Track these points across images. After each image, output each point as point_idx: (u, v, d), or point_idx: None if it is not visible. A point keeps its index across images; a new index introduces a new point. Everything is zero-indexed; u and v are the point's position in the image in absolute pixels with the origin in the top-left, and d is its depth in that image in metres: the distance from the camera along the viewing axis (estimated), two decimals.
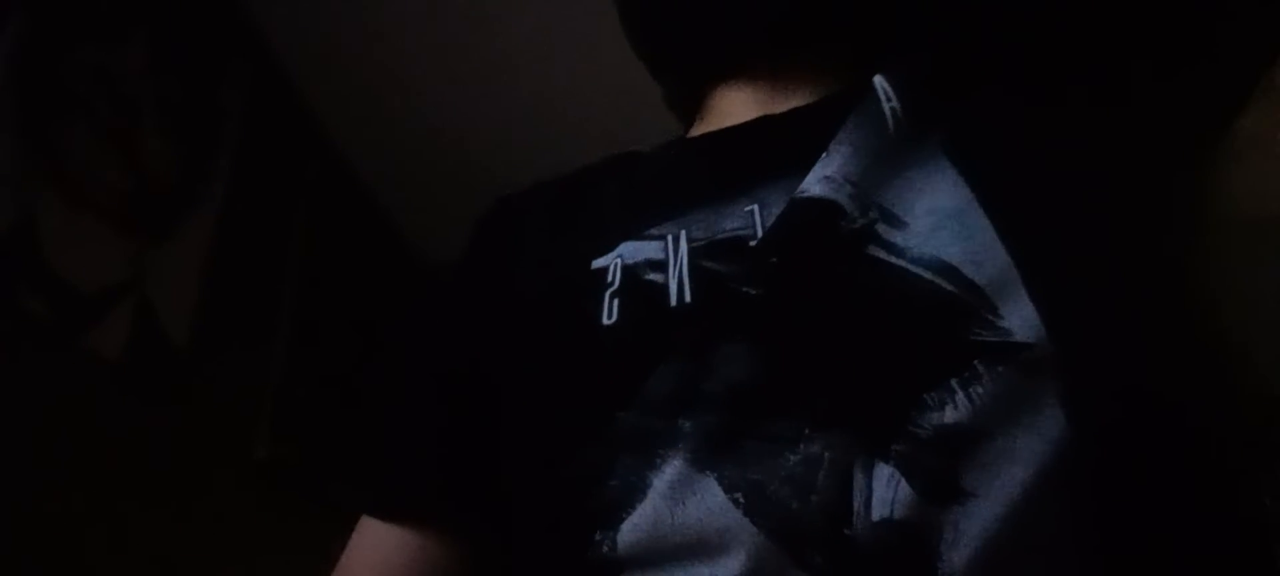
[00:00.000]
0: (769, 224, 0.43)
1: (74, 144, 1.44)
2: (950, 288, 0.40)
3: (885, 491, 0.38)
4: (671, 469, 0.40)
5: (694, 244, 0.44)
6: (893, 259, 0.41)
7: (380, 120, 2.16)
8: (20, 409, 1.32)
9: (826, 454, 0.38)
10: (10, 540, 1.27)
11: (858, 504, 0.38)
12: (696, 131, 0.55)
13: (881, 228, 0.41)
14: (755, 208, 0.44)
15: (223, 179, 1.77)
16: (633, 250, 0.45)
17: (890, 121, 0.43)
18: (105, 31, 1.53)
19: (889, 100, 0.43)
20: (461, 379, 0.52)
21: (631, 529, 0.40)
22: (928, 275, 0.40)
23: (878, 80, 0.43)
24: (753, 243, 0.43)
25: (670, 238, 0.45)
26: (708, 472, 0.40)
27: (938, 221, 0.41)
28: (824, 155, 0.43)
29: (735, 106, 0.51)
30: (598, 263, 0.46)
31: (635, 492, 0.41)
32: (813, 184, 0.43)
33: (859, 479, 0.38)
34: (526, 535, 0.48)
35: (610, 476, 0.41)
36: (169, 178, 1.64)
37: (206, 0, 1.79)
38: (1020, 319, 0.38)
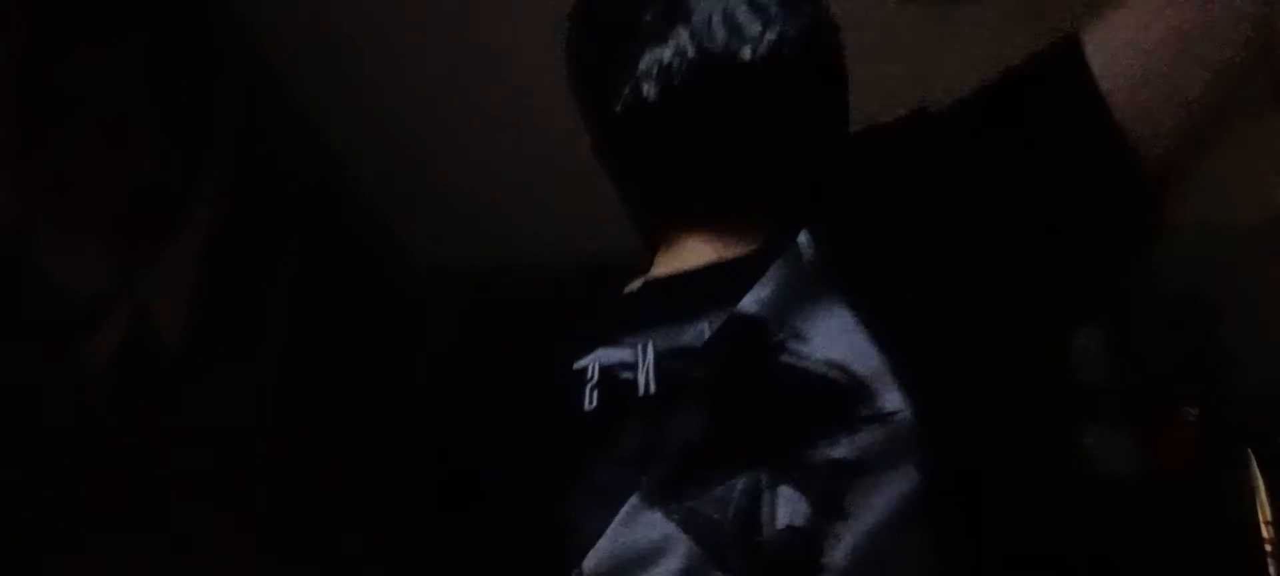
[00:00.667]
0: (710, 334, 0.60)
1: (70, 148, 1.44)
2: (840, 376, 0.56)
3: (787, 506, 0.53)
4: (628, 507, 0.56)
5: (658, 351, 0.61)
6: (798, 361, 0.57)
7: (377, 125, 2.16)
8: (15, 412, 1.31)
9: (742, 481, 0.54)
10: (5, 543, 1.26)
11: (766, 515, 0.53)
12: (660, 270, 0.70)
13: (791, 342, 0.58)
14: (705, 326, 0.61)
15: (219, 184, 1.76)
16: (608, 354, 0.62)
17: (807, 268, 0.59)
18: (101, 36, 1.53)
19: (807, 252, 0.60)
20: (464, 455, 0.69)
21: (593, 555, 0.56)
22: (823, 369, 0.56)
23: (802, 236, 0.60)
24: (695, 345, 0.60)
25: (640, 346, 0.62)
26: (656, 507, 0.56)
27: (832, 337, 0.57)
28: (757, 286, 0.59)
29: (691, 250, 0.68)
30: (579, 363, 0.62)
31: (601, 531, 0.56)
32: (748, 305, 0.59)
33: (767, 497, 0.54)
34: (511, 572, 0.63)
35: (584, 520, 0.57)
36: (165, 182, 1.64)
37: (202, 5, 1.79)
38: (891, 400, 0.54)
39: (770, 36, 0.66)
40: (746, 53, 0.65)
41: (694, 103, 0.66)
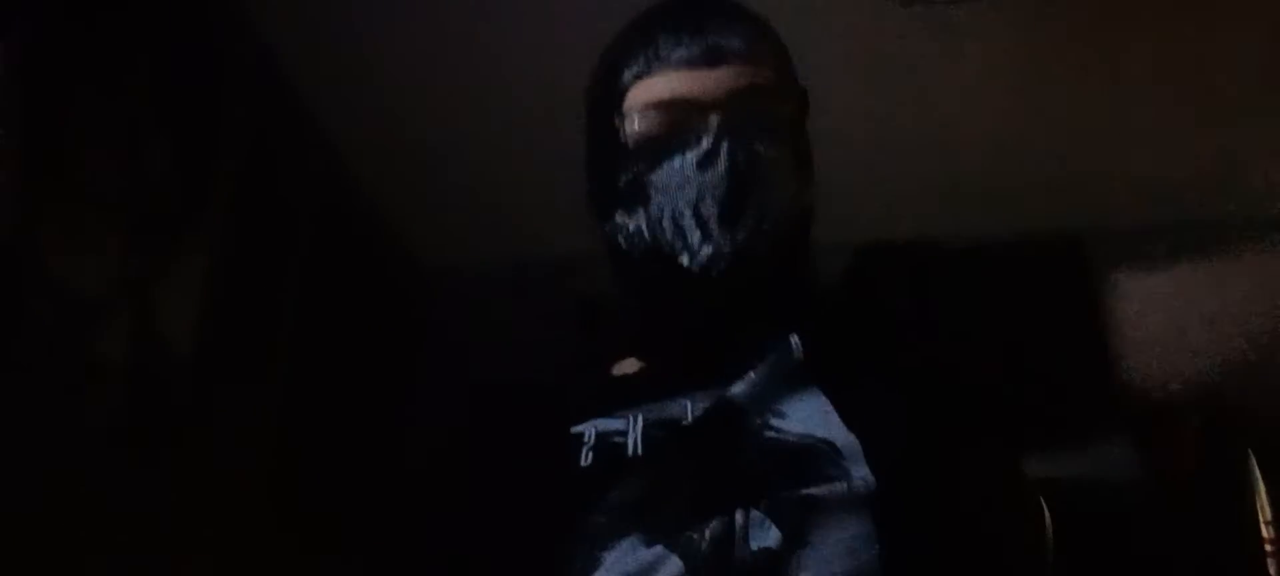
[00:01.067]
0: (696, 415, 0.69)
1: (76, 150, 1.45)
2: (816, 444, 0.65)
3: (759, 531, 0.60)
4: (624, 544, 0.62)
5: (647, 421, 0.69)
6: (779, 435, 0.66)
7: (384, 128, 2.16)
8: (20, 414, 1.32)
9: (719, 509, 0.61)
10: (9, 546, 1.27)
11: (738, 537, 0.60)
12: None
13: (773, 420, 0.67)
14: (687, 403, 0.70)
15: (225, 186, 1.77)
16: (603, 423, 0.70)
17: (794, 366, 0.68)
18: (108, 38, 1.54)
19: (797, 353, 0.69)
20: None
21: None
22: (801, 439, 0.65)
23: (793, 338, 0.69)
24: (685, 422, 0.69)
25: (630, 417, 0.70)
26: (648, 540, 0.62)
27: (811, 417, 0.66)
28: (749, 375, 0.68)
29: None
30: (576, 429, 0.70)
31: (592, 567, 0.62)
32: (737, 392, 0.68)
33: (739, 519, 0.61)
34: None
35: (578, 560, 0.63)
36: (171, 185, 1.64)
37: (210, 7, 1.80)
38: (858, 471, 0.63)
39: (707, 250, 0.71)
40: (684, 259, 0.71)
41: (648, 277, 0.75)
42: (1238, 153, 2.21)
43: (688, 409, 0.70)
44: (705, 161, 0.72)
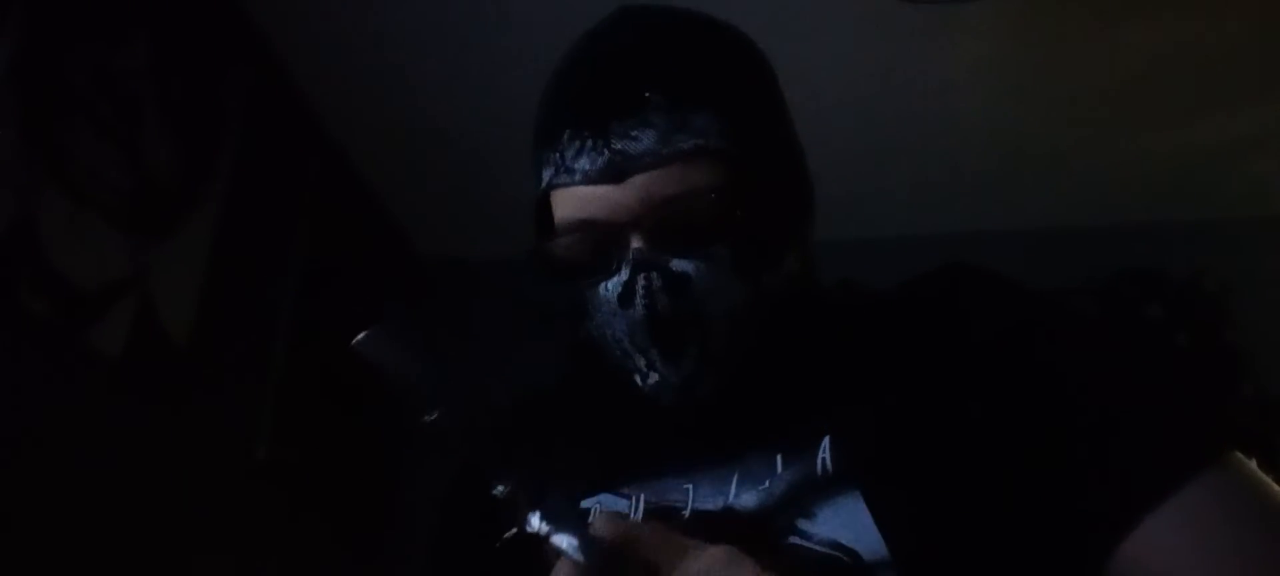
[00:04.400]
0: (696, 503, 0.65)
1: (75, 142, 1.44)
2: (841, 555, 0.59)
3: None
4: None
5: (648, 504, 0.67)
6: (804, 542, 0.61)
7: (381, 118, 2.16)
8: (20, 406, 1.32)
9: None
10: (9, 537, 1.27)
11: None
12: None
13: (800, 520, 0.62)
14: (691, 488, 0.66)
15: (223, 177, 1.77)
16: (609, 499, 0.68)
17: (819, 470, 0.62)
18: (107, 30, 1.53)
19: (823, 454, 0.62)
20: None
21: None
22: (826, 548, 0.60)
23: (823, 447, 0.63)
24: (684, 514, 0.65)
25: (634, 496, 0.68)
26: None
27: (842, 523, 0.60)
28: (766, 483, 0.63)
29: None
30: (585, 503, 0.68)
31: None
32: (743, 500, 0.64)
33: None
34: None
35: None
36: (170, 176, 1.64)
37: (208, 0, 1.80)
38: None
39: (654, 378, 0.65)
40: (637, 380, 0.66)
41: (615, 375, 0.69)
42: (1237, 146, 2.21)
43: (690, 494, 0.65)
44: (625, 298, 0.64)
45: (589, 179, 0.64)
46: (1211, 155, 2.24)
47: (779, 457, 0.64)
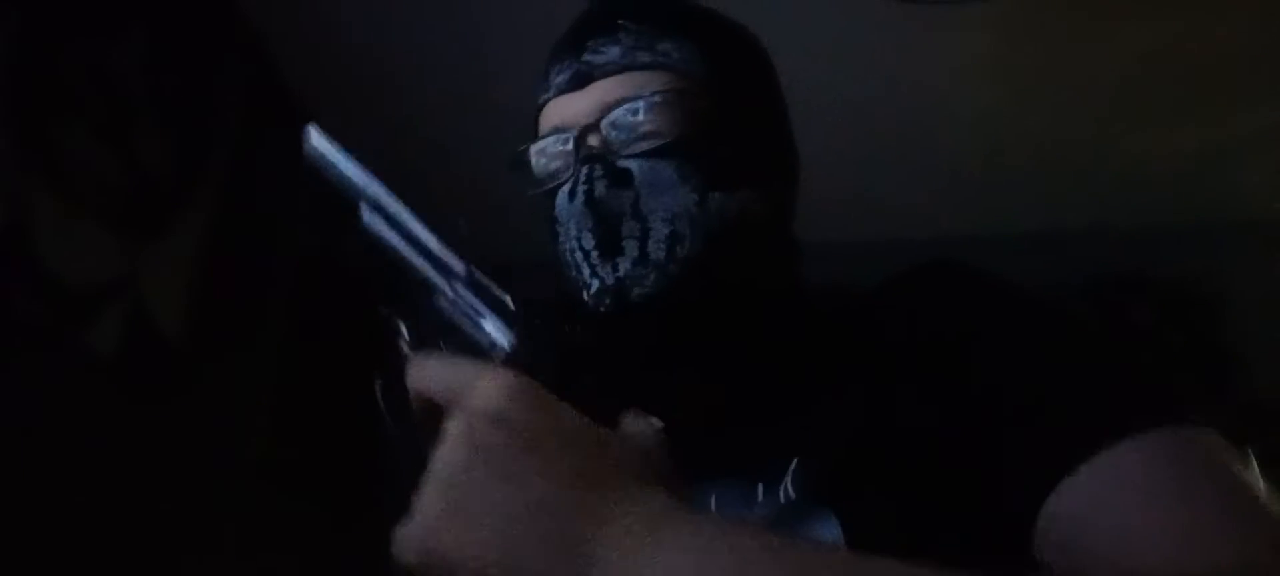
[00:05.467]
0: None
1: (69, 141, 1.44)
2: None
3: None
4: None
5: None
6: None
7: (375, 117, 2.15)
8: (15, 406, 1.31)
9: None
10: (4, 537, 1.26)
11: None
12: None
13: None
14: None
15: (218, 176, 1.76)
16: None
17: (785, 497, 0.60)
18: (101, 28, 1.53)
19: (786, 494, 0.60)
20: None
21: None
22: None
23: (789, 475, 0.60)
24: None
25: None
26: None
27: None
28: (751, 509, 0.60)
29: None
30: None
31: None
32: None
33: None
34: None
35: None
36: (164, 175, 1.63)
37: None
38: None
39: (594, 284, 0.66)
40: (583, 295, 0.67)
41: (580, 313, 0.69)
42: (1233, 148, 2.21)
43: None
44: (572, 192, 0.67)
45: (561, 89, 0.70)
46: (1206, 158, 2.25)
47: (760, 487, 0.62)
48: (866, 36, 1.89)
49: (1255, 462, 0.57)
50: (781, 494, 0.61)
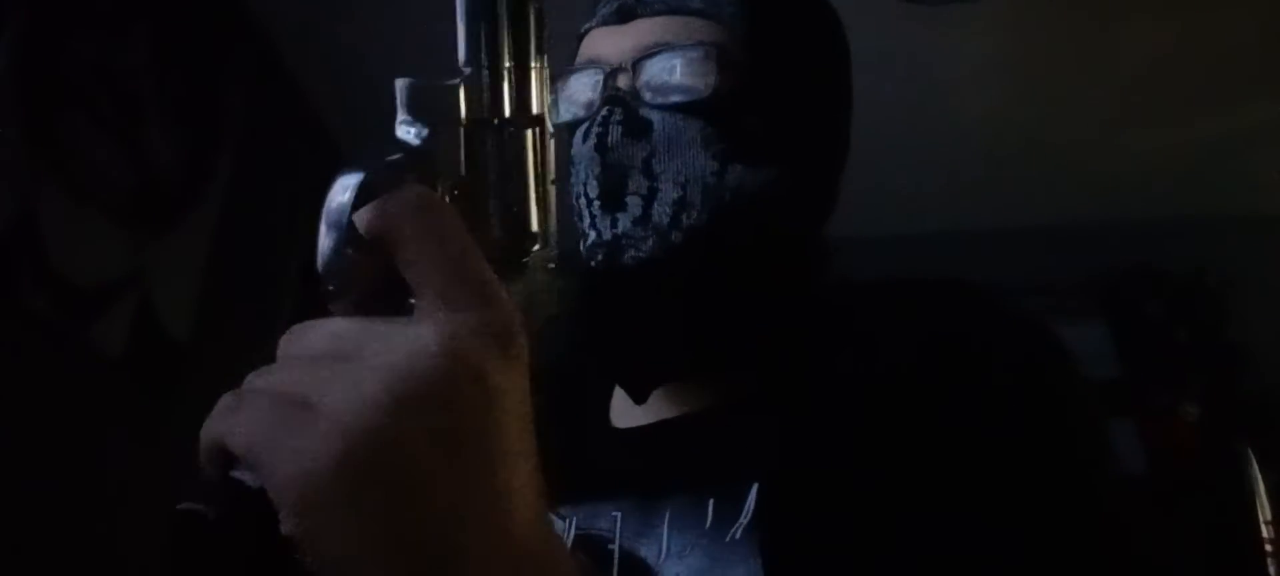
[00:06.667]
0: (624, 536, 0.58)
1: (76, 138, 1.44)
2: None
3: None
4: None
5: (578, 528, 0.60)
6: None
7: (382, 116, 2.15)
8: (21, 403, 1.32)
9: None
10: (11, 536, 1.27)
11: None
12: (619, 421, 0.68)
13: None
14: (618, 516, 0.59)
15: (225, 173, 1.77)
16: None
17: (744, 522, 0.54)
18: (107, 26, 1.53)
19: (749, 505, 0.55)
20: None
21: None
22: None
23: (753, 490, 0.55)
24: (610, 544, 0.58)
25: (568, 519, 0.60)
26: None
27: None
28: (700, 531, 0.56)
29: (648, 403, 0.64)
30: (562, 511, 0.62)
31: None
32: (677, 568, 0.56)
33: None
34: None
35: None
36: (171, 172, 1.64)
37: None
38: None
39: (592, 236, 0.61)
40: (582, 244, 0.62)
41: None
42: (1238, 143, 2.20)
43: (617, 523, 0.59)
44: (587, 133, 0.61)
45: (604, 20, 0.65)
46: (1212, 152, 2.24)
47: (711, 503, 0.56)
48: (871, 36, 1.88)
49: (1256, 462, 0.57)
50: (744, 517, 0.55)
